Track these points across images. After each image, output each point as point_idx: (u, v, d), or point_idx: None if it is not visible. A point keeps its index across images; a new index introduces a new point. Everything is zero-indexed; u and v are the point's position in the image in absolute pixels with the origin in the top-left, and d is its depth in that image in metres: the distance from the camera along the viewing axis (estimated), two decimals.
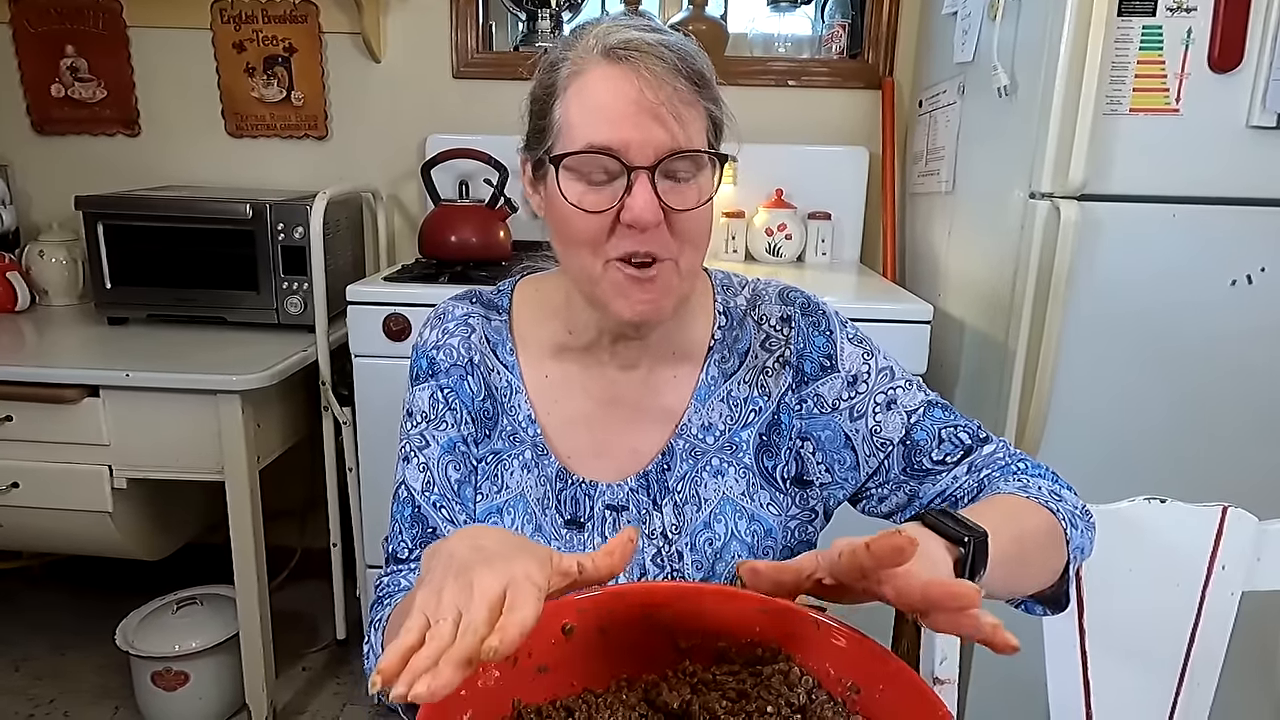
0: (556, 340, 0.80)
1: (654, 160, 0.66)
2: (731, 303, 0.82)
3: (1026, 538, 0.65)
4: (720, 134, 0.72)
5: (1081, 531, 0.71)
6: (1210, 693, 0.89)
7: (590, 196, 0.67)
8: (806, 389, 0.78)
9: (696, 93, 0.68)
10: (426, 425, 0.79)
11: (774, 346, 0.79)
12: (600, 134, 0.66)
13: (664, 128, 0.65)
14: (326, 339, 1.75)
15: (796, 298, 0.81)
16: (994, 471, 0.75)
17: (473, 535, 0.54)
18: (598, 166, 0.67)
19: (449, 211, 1.85)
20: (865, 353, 0.79)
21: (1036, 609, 0.74)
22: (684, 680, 0.62)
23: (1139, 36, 1.30)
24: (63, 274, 2.05)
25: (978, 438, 0.77)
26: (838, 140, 2.10)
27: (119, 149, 2.19)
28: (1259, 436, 1.43)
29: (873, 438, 0.77)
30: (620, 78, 0.66)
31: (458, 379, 0.79)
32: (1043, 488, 0.71)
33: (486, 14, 2.14)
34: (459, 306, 0.82)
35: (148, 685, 1.77)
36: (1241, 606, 0.87)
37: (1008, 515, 0.66)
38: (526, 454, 0.78)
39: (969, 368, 1.64)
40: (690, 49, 0.69)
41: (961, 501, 0.75)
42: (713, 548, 0.76)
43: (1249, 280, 1.37)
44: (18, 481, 1.60)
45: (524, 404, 0.79)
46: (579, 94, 0.67)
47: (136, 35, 2.11)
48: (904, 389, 0.78)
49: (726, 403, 0.79)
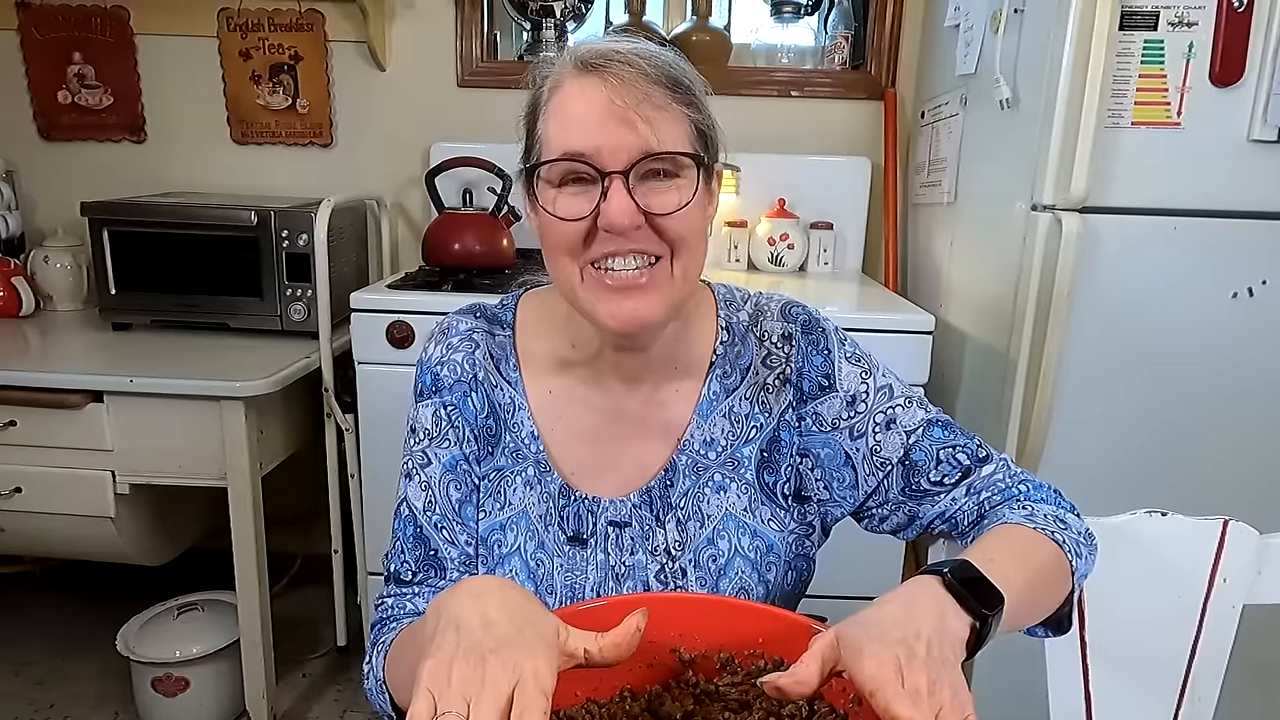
0: (559, 354, 0.80)
1: (626, 164, 0.66)
2: (734, 318, 0.82)
3: (1036, 579, 0.65)
4: (708, 142, 0.71)
5: (1085, 559, 0.71)
6: (1211, 706, 0.89)
7: (568, 204, 0.68)
8: (806, 408, 0.78)
9: (671, 97, 0.67)
10: (429, 443, 0.79)
11: (775, 363, 0.79)
12: (573, 142, 0.67)
13: (634, 132, 0.66)
14: (330, 346, 1.76)
15: (799, 314, 0.81)
16: (994, 494, 0.75)
17: (478, 598, 0.53)
18: (573, 174, 0.68)
19: (453, 219, 1.86)
20: (864, 371, 0.79)
21: (1038, 632, 0.74)
22: (687, 691, 0.63)
23: (1141, 50, 1.30)
24: (67, 279, 2.05)
25: (976, 457, 0.77)
26: (840, 151, 2.11)
27: (125, 155, 2.20)
28: (1260, 449, 1.43)
29: (872, 457, 0.77)
30: (591, 86, 0.67)
31: (461, 396, 0.79)
32: (1048, 515, 0.71)
33: (491, 23, 2.16)
34: (463, 321, 0.82)
35: (148, 691, 1.77)
36: (1243, 620, 0.87)
37: (1016, 554, 0.66)
38: (529, 470, 0.78)
39: (970, 378, 1.64)
40: (666, 57, 0.69)
41: (961, 524, 0.76)
42: (716, 564, 0.76)
43: (1250, 293, 1.38)
44: (21, 486, 1.60)
45: (527, 420, 0.79)
46: (557, 107, 0.68)
47: (143, 42, 2.13)
48: (903, 407, 0.78)
49: (728, 418, 0.79)
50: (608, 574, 0.77)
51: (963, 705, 0.51)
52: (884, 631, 0.54)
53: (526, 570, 0.76)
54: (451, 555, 0.77)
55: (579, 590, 0.76)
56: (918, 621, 0.55)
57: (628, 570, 0.76)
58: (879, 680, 0.51)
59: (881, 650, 0.52)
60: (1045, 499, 0.75)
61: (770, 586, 0.77)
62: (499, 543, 0.77)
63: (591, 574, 0.77)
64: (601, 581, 0.77)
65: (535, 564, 0.77)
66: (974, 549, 0.65)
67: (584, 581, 0.77)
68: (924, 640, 0.53)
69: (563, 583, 0.76)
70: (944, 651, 0.53)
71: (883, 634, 0.54)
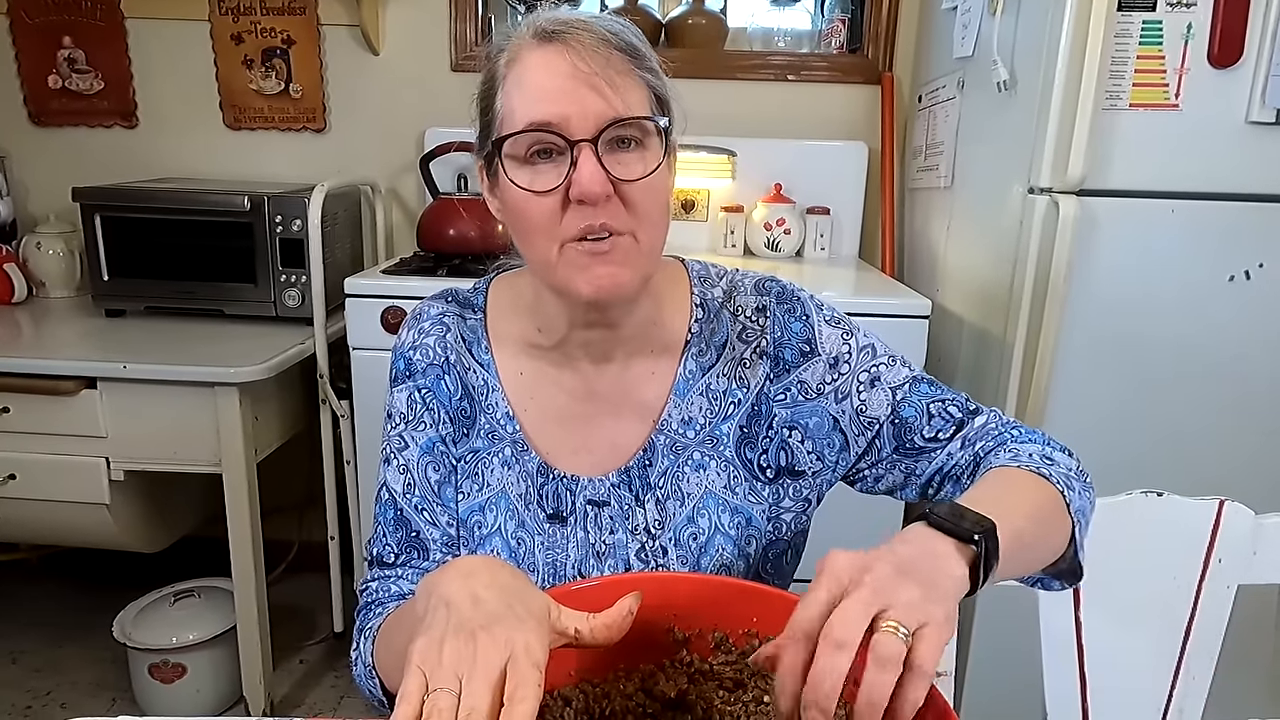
0: (528, 337, 0.80)
1: (595, 131, 0.65)
2: (709, 294, 0.81)
3: (1030, 510, 0.63)
4: (666, 108, 0.71)
5: (1079, 493, 0.69)
6: (1206, 685, 0.90)
7: (537, 178, 0.67)
8: (789, 377, 0.78)
9: (631, 63, 0.67)
10: (405, 426, 0.79)
11: (750, 338, 0.79)
12: (538, 111, 0.66)
13: (601, 97, 0.65)
14: (324, 332, 1.75)
15: (772, 287, 0.81)
16: (988, 442, 0.74)
17: (468, 577, 0.53)
18: (540, 145, 0.66)
19: (447, 205, 1.85)
20: (844, 333, 0.78)
21: (1054, 584, 0.73)
22: (681, 670, 0.62)
23: (1139, 31, 1.29)
24: (60, 266, 2.04)
25: (967, 410, 0.77)
26: (837, 135, 2.10)
27: (116, 141, 2.18)
28: (1256, 430, 1.43)
29: (859, 417, 0.77)
30: (553, 53, 0.66)
31: (434, 379, 0.79)
32: (1033, 454, 0.70)
33: (485, 6, 2.14)
34: (434, 306, 0.82)
35: (145, 678, 1.78)
36: (1237, 599, 0.88)
37: (1006, 491, 0.65)
38: (506, 451, 0.78)
39: (967, 362, 1.64)
40: (621, 23, 0.69)
41: (961, 479, 0.75)
42: (697, 542, 0.76)
43: (1247, 276, 1.38)
44: (15, 473, 1.60)
45: (501, 401, 0.79)
46: (517, 80, 0.67)
47: (134, 27, 2.11)
48: (886, 365, 0.78)
49: (706, 396, 0.78)
50: (588, 552, 0.77)
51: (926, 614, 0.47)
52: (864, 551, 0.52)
53: (508, 549, 0.77)
54: (433, 536, 0.77)
55: (560, 568, 0.77)
56: (904, 546, 0.53)
57: (608, 549, 0.77)
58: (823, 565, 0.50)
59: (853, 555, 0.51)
60: (1034, 440, 0.74)
61: (751, 560, 0.77)
62: (479, 524, 0.77)
63: (572, 552, 0.77)
64: (582, 559, 0.77)
65: (516, 543, 0.77)
66: (961, 497, 0.63)
67: (564, 560, 0.77)
68: (901, 556, 0.51)
69: (544, 560, 0.77)
70: (912, 585, 0.49)
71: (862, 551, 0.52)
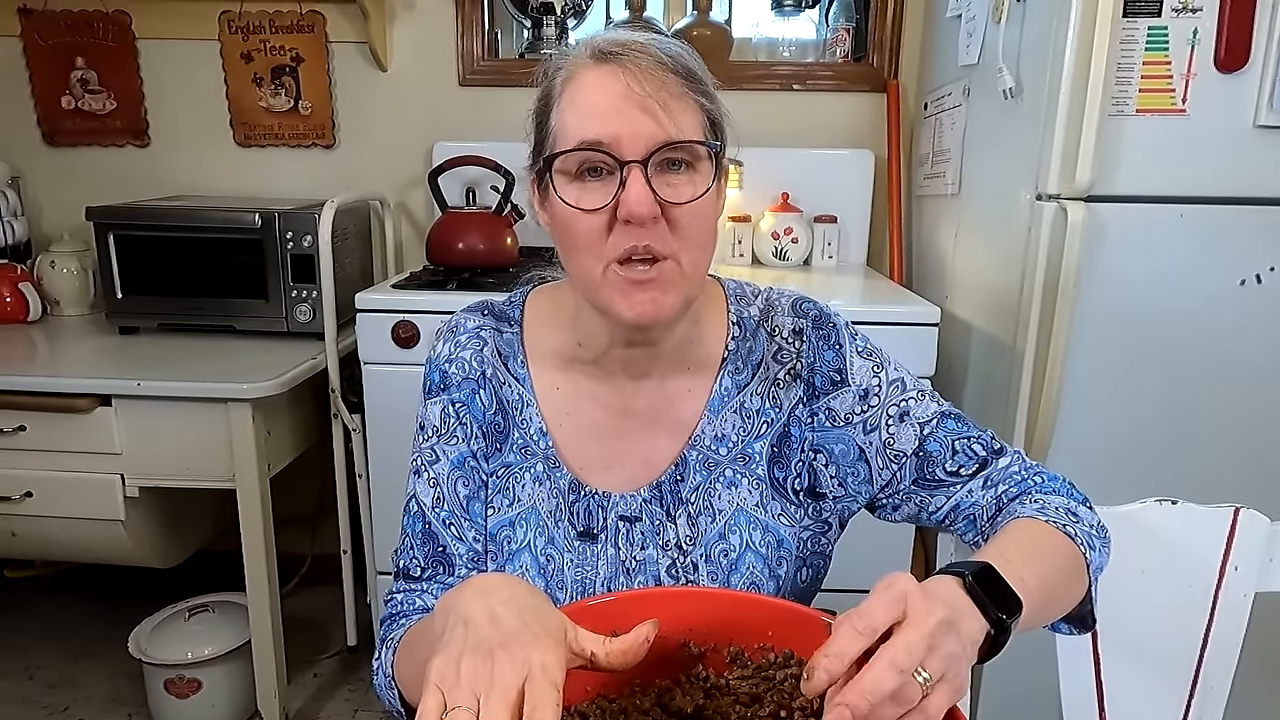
0: (566, 352, 0.80)
1: (645, 152, 0.65)
2: (745, 313, 0.81)
3: (1053, 576, 0.64)
4: (720, 133, 0.71)
5: (1099, 551, 0.71)
6: (1224, 695, 0.89)
7: (586, 196, 0.67)
8: (818, 403, 0.78)
9: (686, 87, 0.68)
10: (438, 439, 0.79)
11: (786, 359, 0.79)
12: (591, 130, 0.66)
13: (653, 119, 0.65)
14: (335, 346, 1.76)
15: (809, 310, 0.81)
16: (1010, 487, 0.75)
17: (486, 595, 0.53)
18: (590, 164, 0.67)
19: (456, 218, 1.86)
20: (875, 365, 0.79)
21: (1062, 628, 0.74)
22: (697, 685, 0.62)
23: (1144, 37, 1.29)
24: (74, 284, 2.06)
25: (992, 449, 0.77)
26: (843, 143, 2.11)
27: (129, 160, 2.21)
28: (1270, 436, 1.42)
29: (886, 450, 0.77)
30: (609, 75, 0.66)
31: (469, 393, 0.79)
32: (1059, 507, 0.71)
33: (492, 22, 2.15)
34: (471, 319, 0.82)
35: (160, 692, 1.78)
36: (1254, 607, 0.87)
37: (1032, 552, 0.65)
38: (538, 467, 0.78)
39: (977, 370, 1.63)
40: (679, 47, 0.69)
41: (979, 521, 0.75)
42: (728, 559, 0.76)
43: (1258, 280, 1.37)
44: (31, 490, 1.61)
45: (535, 416, 0.79)
46: (572, 98, 0.68)
47: (145, 47, 2.13)
48: (916, 400, 0.78)
49: (740, 414, 0.78)
50: (618, 569, 0.77)
51: (956, 671, 0.50)
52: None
53: (536, 566, 0.77)
54: (459, 552, 0.78)
55: (589, 586, 0.77)
56: (934, 603, 0.52)
57: (638, 565, 0.77)
58: (859, 610, 0.50)
59: (920, 589, 0.51)
60: (1057, 491, 0.74)
61: (781, 581, 0.77)
62: (509, 539, 0.77)
63: (602, 569, 0.77)
64: (612, 576, 0.77)
65: (545, 559, 0.77)
66: (990, 548, 0.64)
67: (594, 577, 0.77)
68: (936, 617, 0.51)
69: (573, 578, 0.76)
70: (954, 641, 0.50)
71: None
